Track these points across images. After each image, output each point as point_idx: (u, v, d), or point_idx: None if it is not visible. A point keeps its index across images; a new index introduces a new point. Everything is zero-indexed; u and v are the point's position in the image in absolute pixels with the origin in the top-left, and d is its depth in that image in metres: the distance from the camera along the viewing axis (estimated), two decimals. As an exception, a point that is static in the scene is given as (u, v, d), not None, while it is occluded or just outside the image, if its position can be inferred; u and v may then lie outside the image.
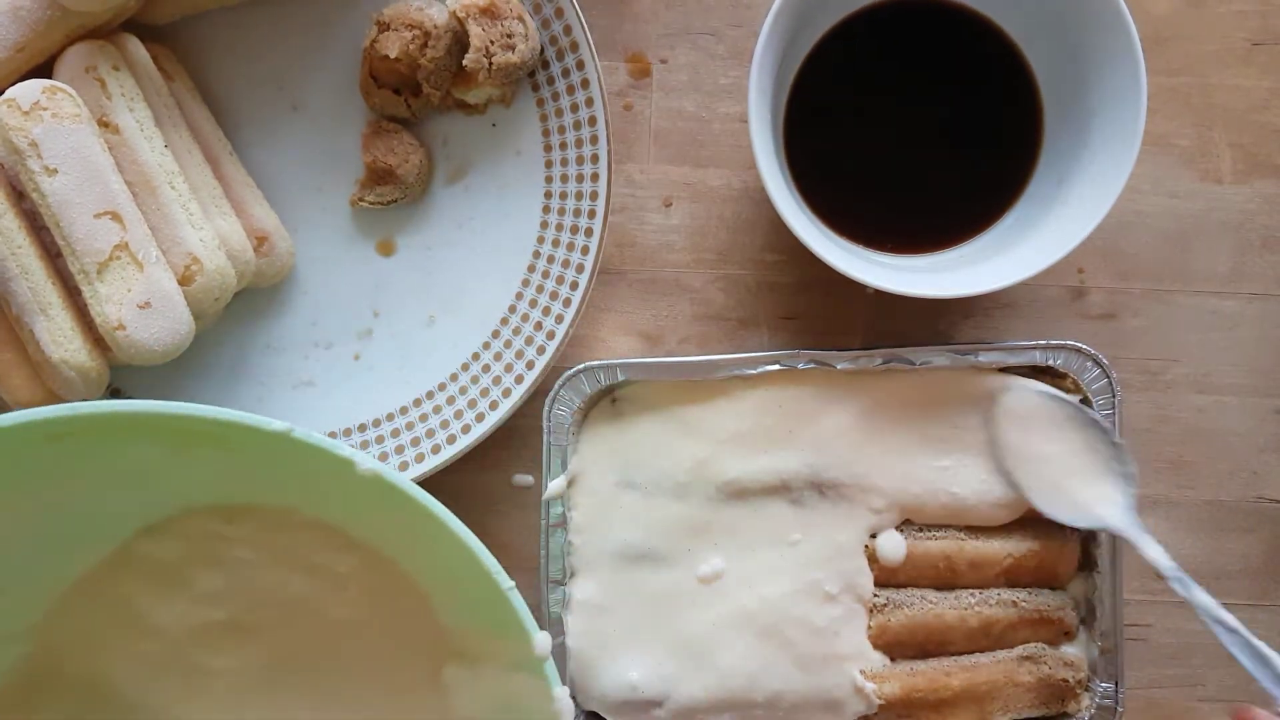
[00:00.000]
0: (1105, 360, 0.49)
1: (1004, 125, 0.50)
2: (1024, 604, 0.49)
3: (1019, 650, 0.49)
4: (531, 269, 0.51)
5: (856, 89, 0.50)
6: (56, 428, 0.40)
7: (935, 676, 0.49)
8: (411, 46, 0.48)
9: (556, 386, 0.49)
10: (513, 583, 0.42)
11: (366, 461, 0.41)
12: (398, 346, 0.51)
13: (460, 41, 0.49)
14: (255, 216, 0.49)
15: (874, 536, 0.49)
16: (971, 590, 0.50)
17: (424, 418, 0.51)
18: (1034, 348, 0.49)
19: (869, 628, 0.49)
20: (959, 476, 0.49)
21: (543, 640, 0.41)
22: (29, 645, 0.47)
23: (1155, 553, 0.46)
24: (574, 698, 0.49)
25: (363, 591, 0.47)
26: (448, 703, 0.46)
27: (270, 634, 0.48)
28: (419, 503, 0.41)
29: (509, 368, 0.50)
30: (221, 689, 0.48)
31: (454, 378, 0.51)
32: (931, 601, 0.49)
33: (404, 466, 0.50)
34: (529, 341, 0.50)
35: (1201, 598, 0.45)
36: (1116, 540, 0.49)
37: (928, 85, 0.50)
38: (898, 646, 0.49)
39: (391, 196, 0.50)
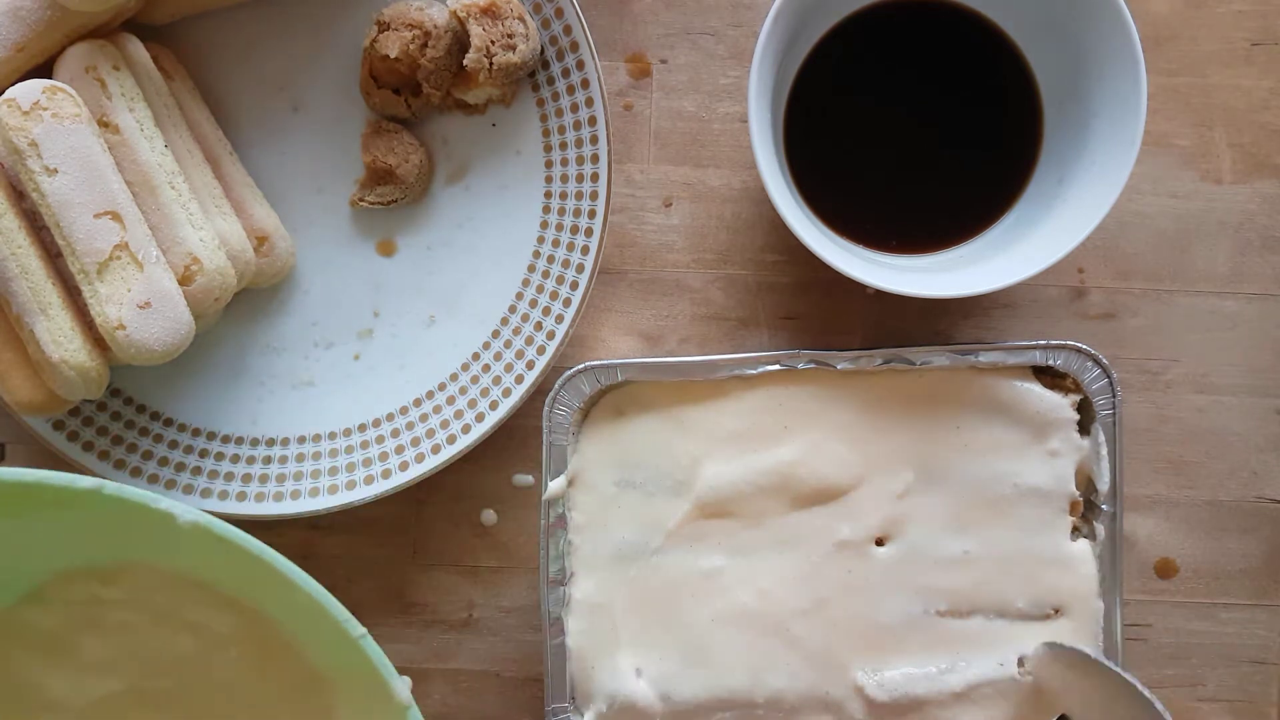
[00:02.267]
0: (1105, 360, 0.49)
1: (1004, 125, 0.50)
2: (1024, 604, 0.50)
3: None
4: (531, 269, 0.51)
5: (857, 89, 0.50)
6: None
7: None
8: (411, 46, 0.48)
9: (556, 386, 0.49)
10: (364, 629, 0.40)
11: (188, 513, 0.39)
12: (398, 346, 0.51)
13: (460, 41, 0.49)
14: (255, 216, 0.49)
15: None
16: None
17: (424, 418, 0.51)
18: (1034, 348, 0.49)
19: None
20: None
21: (403, 687, 0.40)
22: None
23: None
24: (573, 698, 0.49)
25: (243, 649, 0.45)
26: None
27: (171, 702, 0.46)
28: (255, 554, 0.39)
29: (509, 368, 0.50)
30: None
31: (454, 378, 0.51)
32: (931, 601, 0.49)
33: (404, 466, 0.50)
34: (529, 341, 0.50)
35: None
36: (1116, 539, 0.49)
37: (928, 85, 0.50)
38: (898, 646, 0.50)
39: (391, 196, 0.50)
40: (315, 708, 0.44)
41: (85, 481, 0.39)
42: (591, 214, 0.50)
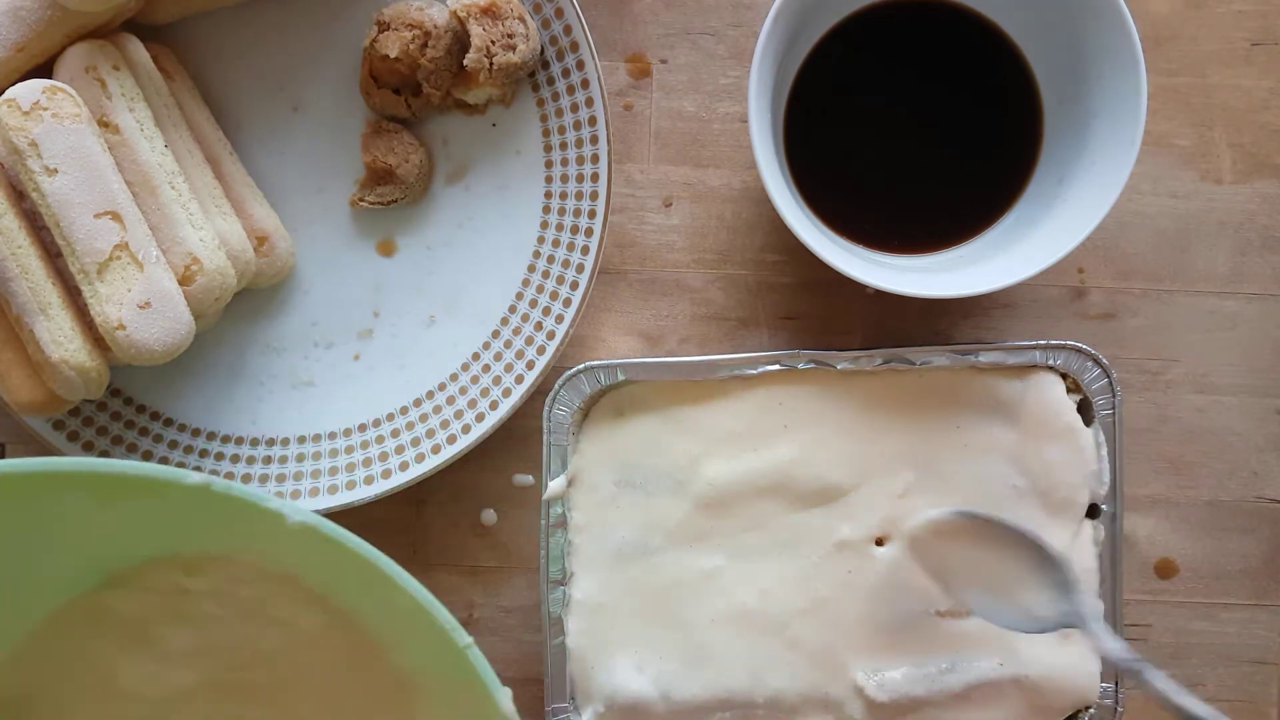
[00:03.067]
0: (1105, 360, 0.49)
1: (1004, 125, 0.50)
2: (1024, 604, 0.49)
3: (1019, 650, 0.49)
4: (531, 269, 0.51)
5: (857, 89, 0.50)
6: None
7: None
8: (411, 46, 0.48)
9: (556, 386, 0.49)
10: (470, 639, 0.39)
11: (297, 514, 0.38)
12: (398, 346, 0.51)
13: (460, 41, 0.49)
14: (255, 216, 0.49)
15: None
16: (971, 590, 0.50)
17: (424, 418, 0.51)
18: (1034, 348, 0.49)
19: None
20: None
21: (506, 699, 0.39)
22: None
23: (1111, 645, 0.44)
24: (573, 698, 0.49)
25: (329, 649, 0.44)
26: None
27: (250, 699, 0.45)
28: (363, 556, 0.39)
29: (509, 368, 0.50)
30: None
31: (454, 378, 0.51)
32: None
33: (404, 466, 0.50)
34: (529, 341, 0.50)
35: (1162, 685, 0.42)
36: (1116, 539, 0.49)
37: (928, 85, 0.50)
38: (898, 646, 0.50)
39: (391, 196, 0.50)
40: (398, 713, 0.44)
41: (193, 478, 0.38)
42: (591, 214, 0.50)
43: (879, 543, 0.49)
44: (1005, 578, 0.47)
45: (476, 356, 0.51)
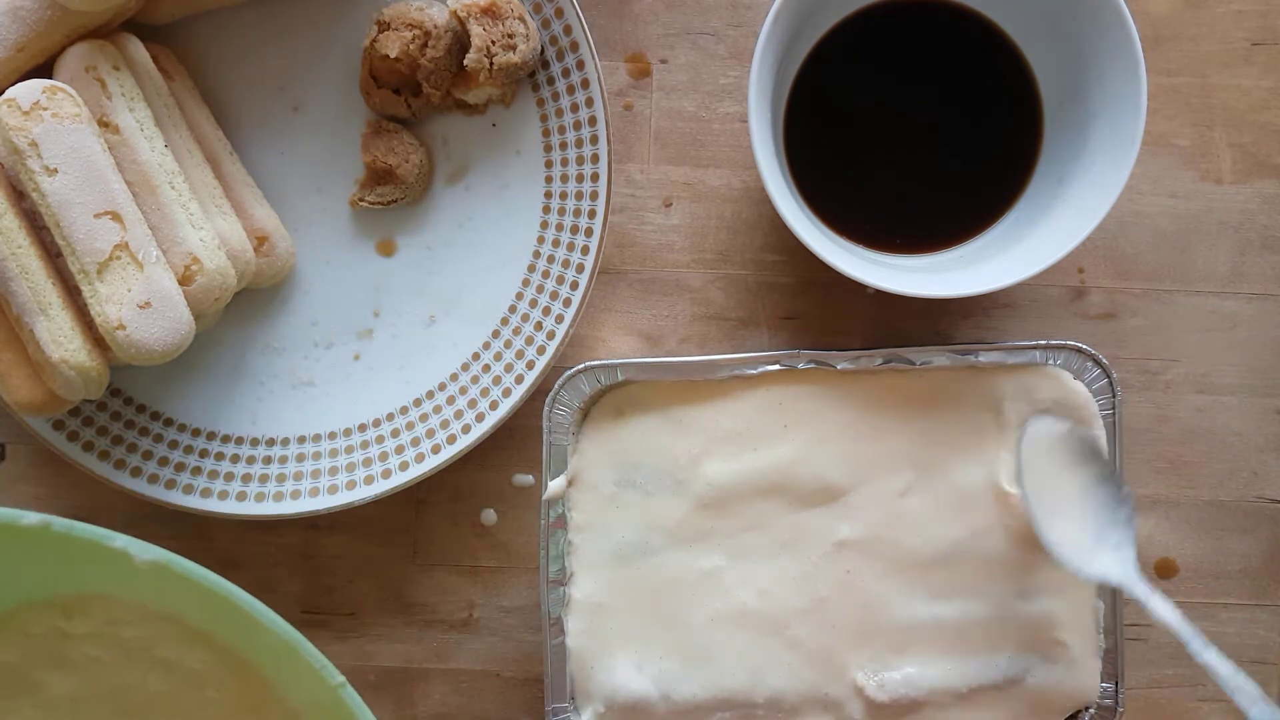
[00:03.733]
0: (1105, 360, 0.49)
1: (1004, 125, 0.50)
2: (1024, 604, 0.49)
3: (1019, 650, 0.49)
4: (531, 269, 0.51)
5: (857, 89, 0.50)
6: None
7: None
8: (411, 46, 0.48)
9: (556, 386, 0.49)
10: (342, 678, 0.38)
11: (145, 551, 0.36)
12: (398, 346, 0.51)
13: (460, 41, 0.49)
14: (255, 216, 0.49)
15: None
16: (971, 590, 0.50)
17: (424, 418, 0.51)
18: (1034, 347, 0.49)
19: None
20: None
21: None
22: None
23: (1164, 611, 0.45)
24: (573, 698, 0.49)
25: (220, 689, 0.43)
26: None
27: None
28: (224, 596, 0.37)
29: (509, 368, 0.50)
30: None
31: (454, 378, 0.51)
32: (931, 601, 0.49)
33: (404, 466, 0.50)
34: (529, 341, 0.50)
35: (1212, 659, 0.43)
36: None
37: (928, 85, 0.50)
38: (898, 646, 0.50)
39: (391, 196, 0.50)
40: None
41: (31, 518, 0.37)
42: (591, 214, 0.50)
43: (879, 543, 0.49)
44: (1076, 507, 0.47)
45: (476, 356, 0.51)
